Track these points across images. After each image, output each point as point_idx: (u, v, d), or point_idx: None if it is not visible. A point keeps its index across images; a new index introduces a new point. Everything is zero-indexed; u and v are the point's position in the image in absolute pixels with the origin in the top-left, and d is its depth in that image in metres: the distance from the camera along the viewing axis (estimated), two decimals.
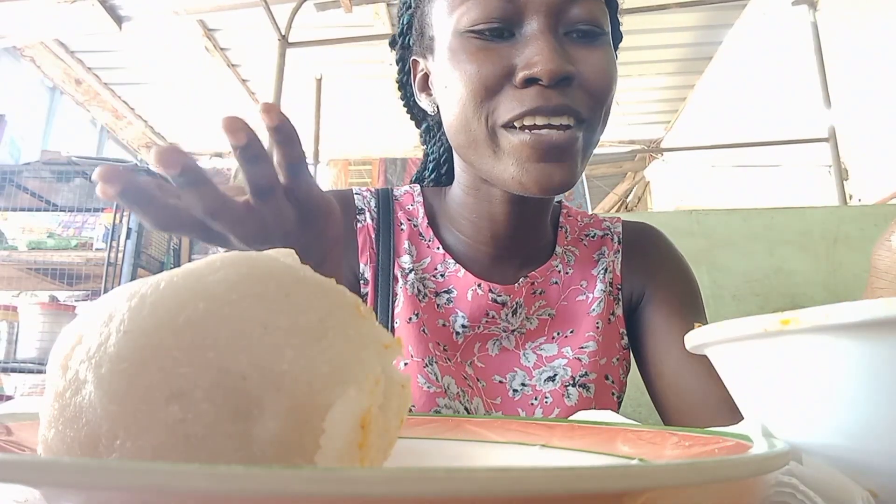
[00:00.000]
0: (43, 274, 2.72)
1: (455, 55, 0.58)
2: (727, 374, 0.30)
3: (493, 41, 0.56)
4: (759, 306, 1.49)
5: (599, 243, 0.71)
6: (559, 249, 0.70)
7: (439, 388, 0.60)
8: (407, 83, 0.72)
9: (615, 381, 0.66)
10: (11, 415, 0.29)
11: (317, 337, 0.21)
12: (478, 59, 0.56)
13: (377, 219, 0.69)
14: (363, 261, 0.67)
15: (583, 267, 0.69)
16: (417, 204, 0.71)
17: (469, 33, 0.57)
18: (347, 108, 3.97)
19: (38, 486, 0.16)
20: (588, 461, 0.29)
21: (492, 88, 0.56)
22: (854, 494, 0.22)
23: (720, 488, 0.17)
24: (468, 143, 0.59)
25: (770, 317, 0.24)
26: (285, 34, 2.54)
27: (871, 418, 0.24)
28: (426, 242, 0.68)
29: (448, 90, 0.59)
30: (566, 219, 0.73)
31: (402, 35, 0.70)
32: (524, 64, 0.55)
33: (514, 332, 0.65)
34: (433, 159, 0.75)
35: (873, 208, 1.84)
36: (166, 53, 3.67)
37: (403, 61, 0.72)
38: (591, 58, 0.57)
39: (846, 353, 0.23)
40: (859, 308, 0.21)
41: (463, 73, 0.56)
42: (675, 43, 3.57)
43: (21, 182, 2.71)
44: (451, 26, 0.59)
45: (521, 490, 0.14)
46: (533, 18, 0.56)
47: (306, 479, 0.13)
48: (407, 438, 0.32)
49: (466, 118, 0.57)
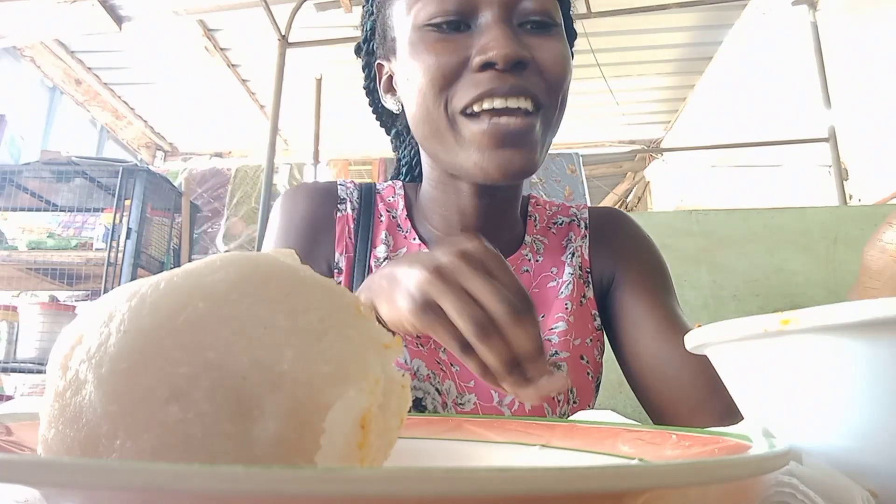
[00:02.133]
0: (43, 274, 2.72)
1: (415, 48, 0.60)
2: (727, 374, 0.30)
3: (450, 33, 0.59)
4: (759, 306, 1.49)
5: (567, 230, 0.73)
6: (528, 239, 0.72)
7: (408, 370, 0.62)
8: (373, 89, 0.75)
9: (590, 361, 0.67)
10: (11, 415, 0.29)
11: (317, 337, 0.21)
12: (435, 50, 0.58)
13: (358, 210, 0.71)
14: (339, 250, 0.69)
15: (552, 254, 0.71)
16: (398, 196, 0.73)
17: (427, 27, 0.59)
18: (347, 108, 3.97)
19: (38, 486, 0.16)
20: (588, 461, 0.29)
21: (450, 76, 0.58)
22: (854, 494, 0.22)
23: (720, 488, 0.17)
24: (431, 133, 0.61)
25: (770, 317, 0.24)
26: (285, 34, 2.54)
27: (871, 418, 0.24)
28: (403, 234, 0.70)
29: (409, 83, 0.61)
30: (535, 208, 0.75)
31: (366, 41, 0.74)
32: (479, 49, 0.57)
33: None
34: (405, 163, 0.78)
35: (873, 208, 1.84)
36: (166, 53, 3.67)
37: (369, 67, 0.75)
38: (545, 46, 0.59)
39: (846, 353, 0.23)
40: (859, 308, 0.21)
41: (422, 63, 0.59)
42: (675, 43, 3.57)
43: (21, 182, 2.71)
44: (409, 23, 0.61)
45: (521, 490, 0.14)
46: (487, 10, 0.58)
47: (306, 479, 0.13)
48: (407, 438, 0.32)
49: (427, 107, 0.59)
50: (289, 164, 3.61)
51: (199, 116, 4.43)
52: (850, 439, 0.24)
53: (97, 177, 2.75)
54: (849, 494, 0.22)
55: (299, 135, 4.51)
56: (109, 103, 4.15)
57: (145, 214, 2.67)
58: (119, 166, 2.69)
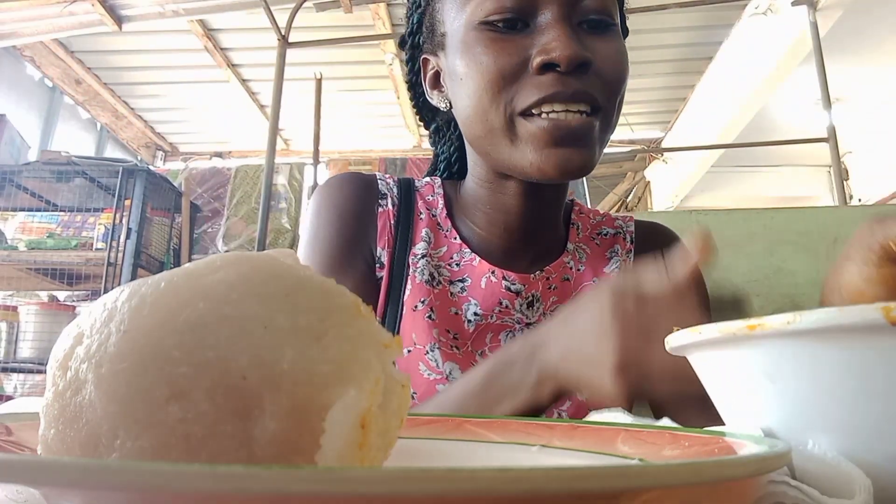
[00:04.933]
0: (43, 274, 2.72)
1: (469, 48, 0.58)
2: (704, 376, 0.31)
3: (508, 32, 0.57)
4: (759, 306, 1.49)
5: (612, 241, 0.72)
6: (571, 246, 0.70)
7: (440, 375, 0.61)
8: (417, 83, 0.72)
9: None
10: (11, 415, 0.29)
11: (317, 337, 0.21)
12: (493, 50, 0.57)
13: (398, 206, 0.70)
14: (381, 245, 0.68)
15: (594, 264, 0.70)
16: (437, 195, 0.72)
17: (483, 25, 0.58)
18: (347, 108, 3.97)
19: (38, 486, 0.16)
20: (588, 461, 0.29)
21: (509, 78, 0.56)
22: (854, 484, 0.22)
23: (720, 488, 0.17)
24: (485, 134, 0.59)
25: (738, 322, 0.25)
26: (285, 34, 2.54)
27: (831, 419, 0.24)
28: (444, 232, 0.69)
29: (463, 82, 0.59)
30: (578, 216, 0.73)
31: (412, 34, 0.71)
32: (541, 49, 0.55)
33: (530, 326, 0.65)
34: (444, 158, 0.76)
35: (873, 208, 1.84)
36: (166, 53, 3.67)
37: (413, 60, 0.72)
38: (604, 47, 0.58)
39: (806, 358, 0.24)
40: (816, 315, 0.23)
41: (479, 64, 0.57)
42: (675, 43, 3.57)
43: (21, 182, 2.71)
44: (463, 20, 0.59)
45: (521, 490, 0.14)
46: (547, 9, 0.57)
47: (306, 479, 0.13)
48: (407, 438, 0.32)
49: (483, 108, 0.58)
50: (289, 164, 3.61)
51: (199, 116, 4.43)
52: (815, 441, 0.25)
53: (97, 177, 2.75)
54: (849, 486, 0.22)
55: (299, 135, 4.51)
56: (109, 103, 4.15)
57: (145, 214, 2.67)
58: (119, 166, 2.70)
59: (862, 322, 0.22)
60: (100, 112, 4.23)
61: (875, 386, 0.23)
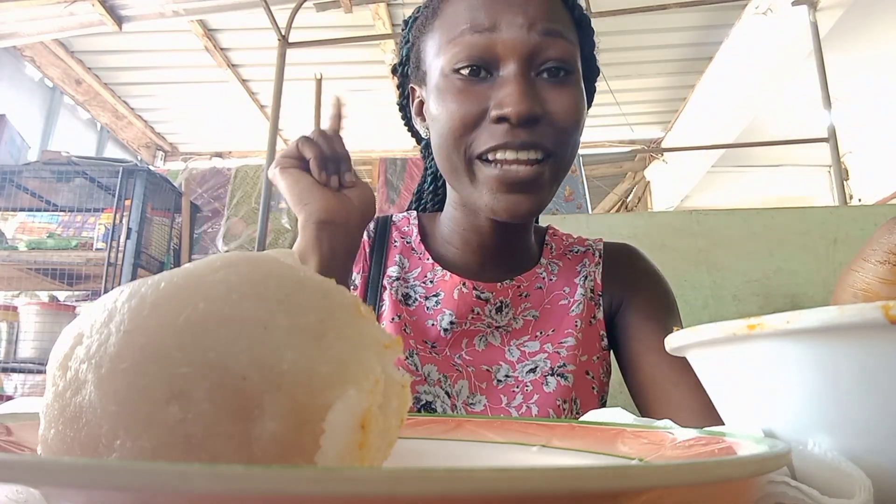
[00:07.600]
0: (43, 274, 2.72)
1: (441, 93, 0.65)
2: (704, 376, 0.31)
3: (474, 81, 0.63)
4: (759, 306, 1.49)
5: (581, 257, 0.78)
6: (544, 261, 0.77)
7: (419, 377, 0.67)
8: (406, 106, 0.80)
9: (595, 378, 0.72)
10: (11, 415, 0.29)
11: (317, 337, 0.21)
12: (458, 99, 0.63)
13: (374, 238, 0.79)
14: (356, 270, 0.76)
15: (566, 276, 0.76)
16: (413, 226, 0.80)
17: (453, 73, 0.64)
18: (347, 108, 3.97)
19: (38, 486, 0.16)
20: (588, 461, 0.29)
21: (469, 125, 0.63)
22: (855, 484, 0.22)
23: (720, 488, 0.17)
24: (450, 171, 0.66)
25: (738, 322, 0.25)
26: (285, 34, 2.54)
27: (831, 418, 0.24)
28: (417, 255, 0.76)
29: (435, 123, 0.66)
30: (552, 238, 0.80)
31: (401, 65, 0.78)
32: (497, 103, 0.62)
33: (500, 329, 0.72)
34: (431, 173, 0.84)
35: (873, 208, 1.84)
36: (166, 53, 3.67)
37: (403, 87, 0.79)
38: (559, 97, 0.63)
39: (805, 357, 0.24)
40: (814, 314, 0.23)
41: (446, 109, 0.64)
42: (675, 43, 3.57)
43: (21, 182, 2.71)
44: (438, 66, 0.66)
45: (521, 490, 0.14)
46: (508, 62, 0.63)
47: (306, 479, 0.13)
48: (407, 438, 0.32)
49: (448, 150, 0.64)
50: None
51: (199, 116, 4.43)
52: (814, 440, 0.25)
53: (97, 177, 2.75)
54: (849, 486, 0.22)
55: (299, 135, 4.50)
56: (109, 103, 4.15)
57: (145, 214, 2.67)
58: (119, 166, 2.69)
59: (862, 321, 0.22)
60: (100, 112, 4.23)
61: (875, 385, 0.23)
